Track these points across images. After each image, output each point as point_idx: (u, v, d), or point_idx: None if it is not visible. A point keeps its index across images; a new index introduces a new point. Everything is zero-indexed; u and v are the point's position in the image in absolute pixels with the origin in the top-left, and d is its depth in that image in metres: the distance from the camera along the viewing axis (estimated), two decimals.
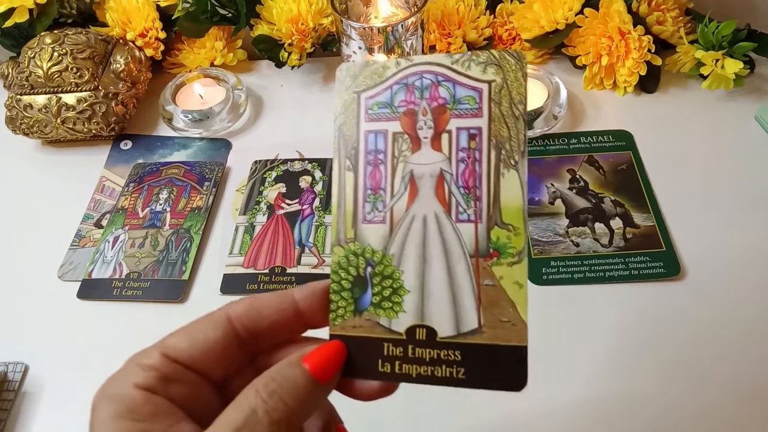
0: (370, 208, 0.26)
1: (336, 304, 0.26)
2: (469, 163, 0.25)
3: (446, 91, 0.26)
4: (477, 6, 0.65)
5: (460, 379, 0.25)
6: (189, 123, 0.64)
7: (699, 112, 0.61)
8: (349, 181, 0.27)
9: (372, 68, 0.27)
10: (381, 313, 0.26)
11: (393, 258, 0.26)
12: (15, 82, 0.62)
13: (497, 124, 0.25)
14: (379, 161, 0.26)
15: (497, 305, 0.25)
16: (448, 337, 0.25)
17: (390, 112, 0.26)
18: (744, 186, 0.54)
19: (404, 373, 0.25)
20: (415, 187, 0.26)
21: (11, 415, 0.46)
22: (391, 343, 0.25)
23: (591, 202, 0.54)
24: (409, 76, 0.26)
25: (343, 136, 0.27)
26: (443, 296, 0.25)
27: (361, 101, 0.27)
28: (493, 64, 0.26)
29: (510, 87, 0.25)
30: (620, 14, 0.59)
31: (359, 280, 0.26)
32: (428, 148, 0.26)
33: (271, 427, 0.22)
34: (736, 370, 0.43)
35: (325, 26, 0.65)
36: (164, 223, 0.56)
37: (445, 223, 0.26)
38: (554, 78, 0.61)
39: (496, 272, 0.25)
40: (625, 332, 0.46)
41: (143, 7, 0.67)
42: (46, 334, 0.50)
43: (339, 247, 0.26)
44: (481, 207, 0.25)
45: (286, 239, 0.54)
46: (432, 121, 0.26)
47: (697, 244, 0.50)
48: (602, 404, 0.42)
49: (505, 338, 0.25)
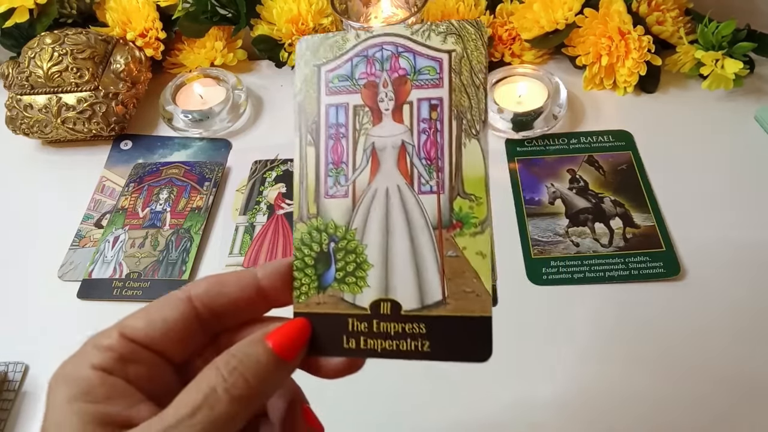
0: (333, 182, 0.26)
1: (299, 281, 0.26)
2: (430, 134, 0.25)
3: (406, 62, 0.26)
4: (477, 6, 0.65)
5: (425, 353, 0.24)
6: (189, 123, 0.64)
7: (699, 112, 0.60)
8: (310, 156, 0.26)
9: (332, 40, 0.26)
10: (345, 289, 0.25)
11: (356, 232, 0.25)
12: (15, 82, 0.62)
13: (458, 94, 0.25)
14: (340, 135, 0.26)
15: (461, 276, 0.24)
16: (413, 310, 0.25)
17: (351, 84, 0.26)
18: (744, 186, 0.54)
19: (369, 348, 0.25)
20: (377, 159, 0.26)
21: (11, 415, 0.46)
22: (355, 318, 0.25)
23: (591, 202, 0.54)
24: (369, 48, 0.26)
25: (303, 111, 0.27)
26: (407, 269, 0.25)
27: (321, 75, 0.26)
28: (453, 33, 0.25)
29: (470, 56, 0.25)
30: (620, 14, 0.59)
31: (322, 256, 0.26)
32: (389, 120, 0.26)
33: (231, 404, 0.22)
34: (736, 370, 0.43)
35: (325, 26, 0.65)
36: (164, 223, 0.56)
37: (407, 196, 0.25)
38: (554, 78, 0.61)
39: (459, 243, 0.25)
40: (625, 332, 0.46)
41: (143, 7, 0.67)
42: (46, 334, 0.50)
43: (302, 224, 0.26)
44: (443, 178, 0.25)
45: (286, 239, 0.54)
46: (393, 92, 0.26)
47: (697, 244, 0.50)
48: (602, 404, 0.42)
49: (469, 309, 0.24)
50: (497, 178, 0.57)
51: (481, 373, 0.43)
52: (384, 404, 0.43)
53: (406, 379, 0.44)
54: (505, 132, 0.60)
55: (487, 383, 0.43)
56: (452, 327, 0.24)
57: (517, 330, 0.45)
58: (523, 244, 0.51)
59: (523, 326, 0.46)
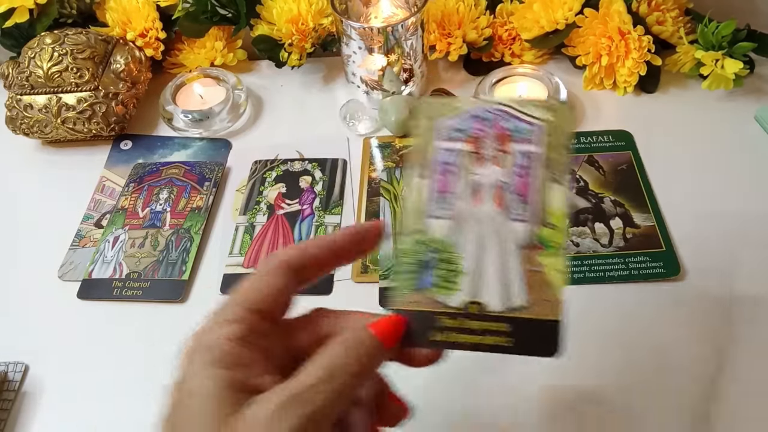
0: (436, 207, 0.32)
1: (397, 283, 0.31)
2: (523, 176, 0.32)
3: (510, 124, 0.33)
4: (477, 6, 0.65)
5: (506, 347, 0.29)
6: (189, 123, 0.64)
7: (699, 112, 0.61)
8: (419, 185, 0.32)
9: (448, 103, 0.34)
10: (439, 292, 0.30)
11: (454, 247, 0.31)
12: (15, 82, 0.62)
13: (548, 151, 0.32)
14: (448, 171, 0.32)
15: (540, 287, 0.30)
16: (498, 311, 0.30)
17: (461, 135, 0.33)
18: (744, 186, 0.54)
19: (457, 341, 0.29)
20: (477, 192, 0.32)
21: (11, 415, 0.46)
22: (446, 316, 0.30)
23: (591, 202, 0.54)
24: (479, 111, 0.33)
25: (419, 151, 0.33)
26: (495, 278, 0.30)
27: (437, 126, 0.33)
28: (549, 109, 0.33)
29: (561, 126, 0.32)
30: (620, 14, 0.59)
31: (422, 264, 0.31)
32: (490, 164, 0.32)
33: (348, 378, 0.25)
34: (736, 370, 0.43)
35: (325, 26, 0.65)
36: (164, 223, 0.56)
37: (500, 221, 0.31)
38: (554, 78, 0.61)
39: (541, 261, 0.30)
40: (625, 332, 0.46)
41: (143, 7, 0.67)
42: (46, 334, 0.50)
43: (405, 237, 0.32)
44: (531, 210, 0.31)
45: (286, 239, 0.54)
46: (496, 143, 0.32)
47: (697, 244, 0.50)
48: (602, 404, 0.42)
49: (545, 314, 0.29)
50: None
51: (479, 368, 0.43)
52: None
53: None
54: None
55: (486, 378, 0.43)
56: (531, 327, 0.29)
57: None
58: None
59: None
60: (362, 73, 0.61)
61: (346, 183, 0.58)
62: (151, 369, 0.47)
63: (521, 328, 0.29)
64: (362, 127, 0.63)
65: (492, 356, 0.28)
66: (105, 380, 0.47)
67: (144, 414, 0.45)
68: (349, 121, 0.63)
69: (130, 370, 0.47)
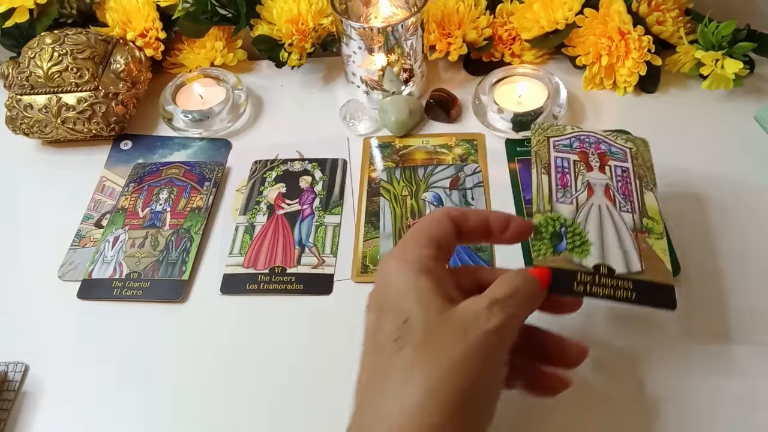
0: (561, 195, 0.42)
1: (539, 247, 0.39)
2: (623, 182, 0.43)
3: (605, 146, 0.45)
4: (477, 6, 0.65)
5: (633, 300, 0.38)
6: (189, 123, 0.64)
7: (699, 112, 0.60)
8: (544, 180, 0.43)
9: (555, 126, 0.46)
10: (574, 254, 0.39)
11: (579, 224, 0.41)
12: (15, 82, 0.62)
13: (637, 168, 0.45)
14: (565, 171, 0.43)
15: (651, 259, 0.40)
16: (623, 273, 0.39)
17: (570, 149, 0.45)
18: (744, 186, 0.54)
19: (593, 293, 0.38)
20: (591, 188, 0.43)
21: (11, 415, 0.46)
22: (583, 272, 0.38)
23: None
24: (580, 134, 0.46)
25: (539, 156, 0.44)
26: (616, 250, 0.39)
27: (550, 142, 0.45)
28: (631, 140, 0.46)
29: (642, 152, 0.46)
30: (620, 14, 0.59)
31: (555, 235, 0.40)
32: (597, 171, 0.44)
33: (527, 300, 0.34)
34: (736, 370, 0.43)
35: (325, 26, 0.65)
36: (164, 223, 0.56)
37: (613, 210, 0.42)
38: (554, 78, 0.61)
39: (648, 242, 0.40)
40: (625, 332, 0.46)
41: (143, 7, 0.67)
42: (46, 334, 0.51)
43: (539, 214, 0.41)
44: (634, 205, 0.42)
45: (286, 239, 0.54)
46: (598, 159, 0.44)
47: (697, 245, 0.50)
48: (602, 403, 0.42)
49: (659, 278, 0.39)
50: (497, 177, 0.57)
51: None
52: None
53: None
54: (505, 132, 0.60)
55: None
56: (650, 287, 0.38)
57: None
58: (522, 244, 0.51)
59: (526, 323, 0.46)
60: (362, 73, 0.61)
61: (346, 183, 0.58)
62: (151, 369, 0.47)
63: (642, 287, 0.38)
64: (362, 127, 0.63)
65: None
66: (105, 380, 0.47)
67: (144, 414, 0.45)
68: (349, 121, 0.63)
69: (130, 370, 0.47)
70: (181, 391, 0.46)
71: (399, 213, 0.55)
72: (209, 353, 0.48)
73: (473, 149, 0.60)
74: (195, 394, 0.46)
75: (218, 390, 0.46)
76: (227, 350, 0.48)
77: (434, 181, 0.57)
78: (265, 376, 0.46)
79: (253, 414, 0.44)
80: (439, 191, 0.56)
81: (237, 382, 0.46)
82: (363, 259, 0.52)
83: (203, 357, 0.48)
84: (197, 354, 0.48)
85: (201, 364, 0.47)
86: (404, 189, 0.57)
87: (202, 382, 0.46)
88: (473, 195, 0.55)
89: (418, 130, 0.62)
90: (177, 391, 0.46)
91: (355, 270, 0.51)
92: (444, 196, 0.56)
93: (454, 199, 0.55)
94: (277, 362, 0.47)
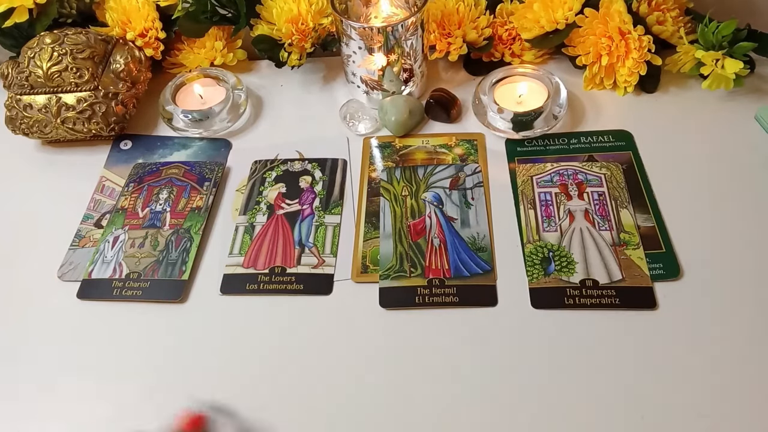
0: (546, 225, 0.51)
1: (531, 272, 0.48)
2: (600, 205, 0.52)
3: (582, 176, 0.54)
4: (477, 6, 0.64)
5: (616, 305, 0.46)
6: (189, 123, 0.64)
7: (699, 112, 0.60)
8: (531, 213, 0.52)
9: (537, 166, 0.55)
10: (562, 274, 0.48)
11: (565, 248, 0.49)
12: (15, 82, 0.62)
13: (611, 190, 0.53)
14: (548, 204, 0.52)
15: (630, 268, 0.48)
16: (606, 283, 0.47)
17: (551, 183, 0.54)
18: (744, 186, 0.54)
19: (581, 303, 0.46)
20: (572, 215, 0.51)
21: None
22: (571, 288, 0.47)
23: None
24: (560, 169, 0.55)
25: (524, 194, 0.53)
26: (599, 265, 0.48)
27: (533, 180, 0.54)
28: (605, 167, 0.55)
29: (615, 177, 0.54)
30: (620, 14, 0.59)
31: (545, 260, 0.49)
32: (576, 199, 0.52)
33: None
34: (736, 370, 0.43)
35: (325, 26, 0.65)
36: (164, 223, 0.56)
37: (593, 231, 0.50)
38: (554, 78, 0.61)
39: (627, 253, 0.49)
40: (625, 332, 0.46)
41: (143, 7, 0.67)
42: (46, 334, 0.50)
43: (530, 244, 0.50)
44: (612, 223, 0.51)
45: (286, 239, 0.54)
46: (576, 188, 0.53)
47: (697, 245, 0.50)
48: (603, 404, 0.42)
49: (638, 283, 0.47)
50: (497, 177, 0.57)
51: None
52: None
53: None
54: (505, 132, 0.60)
55: (491, 375, 0.43)
56: (631, 292, 0.46)
57: (519, 326, 0.45)
58: (522, 244, 0.51)
59: (525, 323, 0.46)
60: (362, 73, 0.61)
61: (346, 183, 0.58)
62: (152, 369, 0.47)
63: (623, 293, 0.46)
64: (362, 127, 0.63)
65: None
66: (105, 380, 0.47)
67: (144, 414, 0.45)
68: (349, 121, 0.63)
69: (130, 370, 0.47)
70: (181, 391, 0.46)
71: (399, 213, 0.55)
72: (209, 353, 0.48)
73: (473, 149, 0.60)
74: (195, 394, 0.46)
75: (218, 389, 0.46)
76: (227, 350, 0.48)
77: (434, 181, 0.57)
78: (265, 376, 0.46)
79: (253, 414, 0.44)
80: (439, 191, 0.56)
81: (237, 382, 0.46)
82: (363, 259, 0.52)
83: (203, 357, 0.48)
84: (197, 354, 0.48)
85: (201, 364, 0.47)
86: (404, 189, 0.57)
87: (202, 382, 0.46)
88: (473, 195, 0.55)
89: (418, 130, 0.62)
90: (177, 390, 0.46)
91: (355, 270, 0.51)
92: (444, 196, 0.56)
93: (454, 198, 0.55)
94: (277, 362, 0.47)
